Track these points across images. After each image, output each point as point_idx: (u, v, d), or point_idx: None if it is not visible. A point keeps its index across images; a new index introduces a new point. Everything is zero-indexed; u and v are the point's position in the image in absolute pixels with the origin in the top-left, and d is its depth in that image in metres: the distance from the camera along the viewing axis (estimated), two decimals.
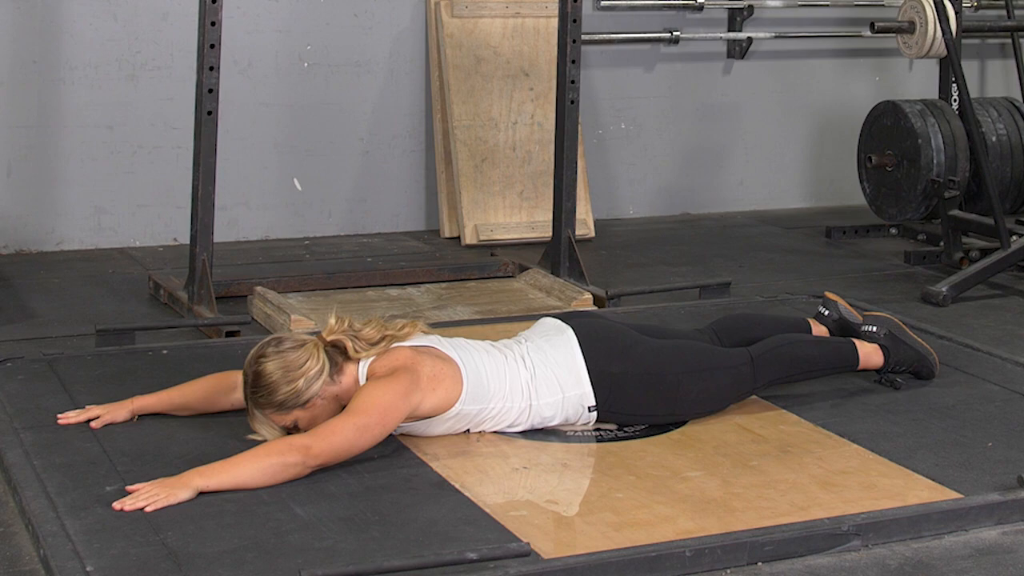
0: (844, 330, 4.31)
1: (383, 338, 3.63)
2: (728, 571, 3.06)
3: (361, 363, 3.60)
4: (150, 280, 5.37)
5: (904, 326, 4.27)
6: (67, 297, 5.32)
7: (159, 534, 3.09)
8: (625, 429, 3.81)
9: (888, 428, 3.88)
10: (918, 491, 3.44)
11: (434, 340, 3.70)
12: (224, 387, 3.78)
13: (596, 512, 3.30)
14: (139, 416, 3.77)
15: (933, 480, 3.50)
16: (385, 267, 5.72)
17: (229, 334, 4.67)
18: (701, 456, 3.66)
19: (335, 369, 3.56)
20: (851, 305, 4.42)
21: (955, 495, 3.39)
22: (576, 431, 3.79)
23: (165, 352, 4.40)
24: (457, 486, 3.40)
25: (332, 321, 3.64)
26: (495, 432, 3.74)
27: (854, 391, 4.20)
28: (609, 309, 5.04)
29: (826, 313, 4.37)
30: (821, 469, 3.58)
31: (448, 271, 5.66)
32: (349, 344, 3.60)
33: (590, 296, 5.20)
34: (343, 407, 3.50)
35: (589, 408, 3.75)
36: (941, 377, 4.32)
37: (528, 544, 2.99)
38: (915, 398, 4.14)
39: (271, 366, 3.49)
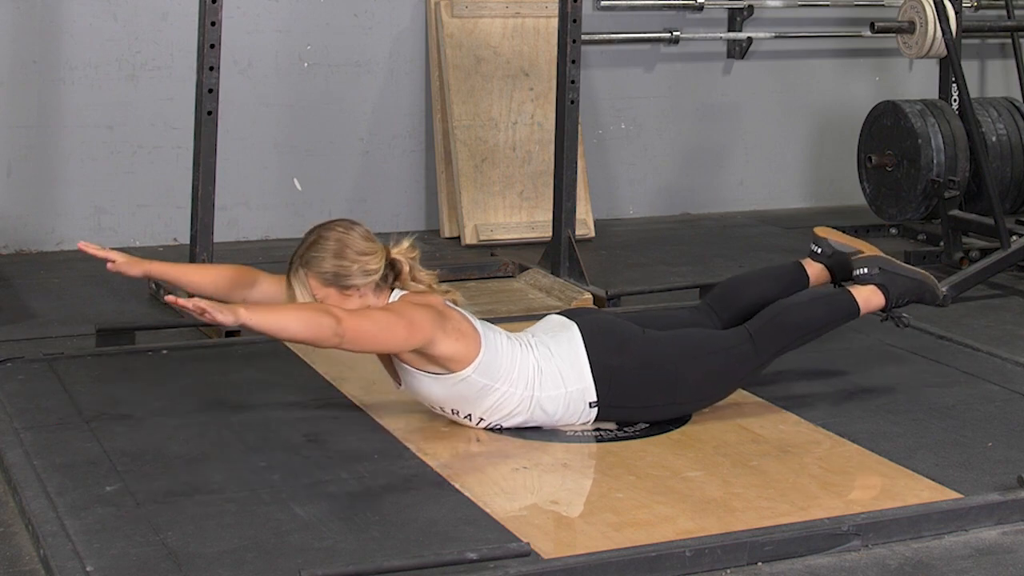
0: (841, 264, 4.22)
1: (428, 286, 3.73)
2: (728, 571, 3.06)
3: (395, 293, 3.69)
4: (150, 280, 5.37)
5: (893, 259, 4.16)
6: (67, 297, 5.31)
7: (159, 534, 3.09)
8: (625, 429, 3.82)
9: (888, 428, 3.88)
10: (918, 491, 3.44)
11: (464, 311, 3.77)
12: (244, 281, 3.83)
13: (596, 512, 3.30)
14: (151, 281, 3.79)
15: (933, 480, 3.50)
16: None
17: (229, 334, 4.66)
18: (701, 456, 3.66)
19: (381, 284, 3.66)
20: (843, 234, 4.30)
21: (955, 495, 3.39)
22: (576, 431, 3.79)
23: (165, 352, 4.40)
24: (457, 486, 3.40)
25: (406, 244, 3.74)
26: (494, 431, 3.75)
27: (854, 391, 4.20)
28: (609, 309, 5.04)
29: (819, 251, 4.25)
30: (821, 469, 3.58)
31: (448, 271, 5.65)
32: (406, 268, 3.70)
33: (590, 296, 5.20)
34: None
35: (590, 404, 3.75)
36: (941, 377, 4.33)
37: (528, 544, 2.99)
38: (915, 398, 4.14)
39: (337, 235, 3.62)
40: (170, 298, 3.28)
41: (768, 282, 4.16)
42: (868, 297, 4.08)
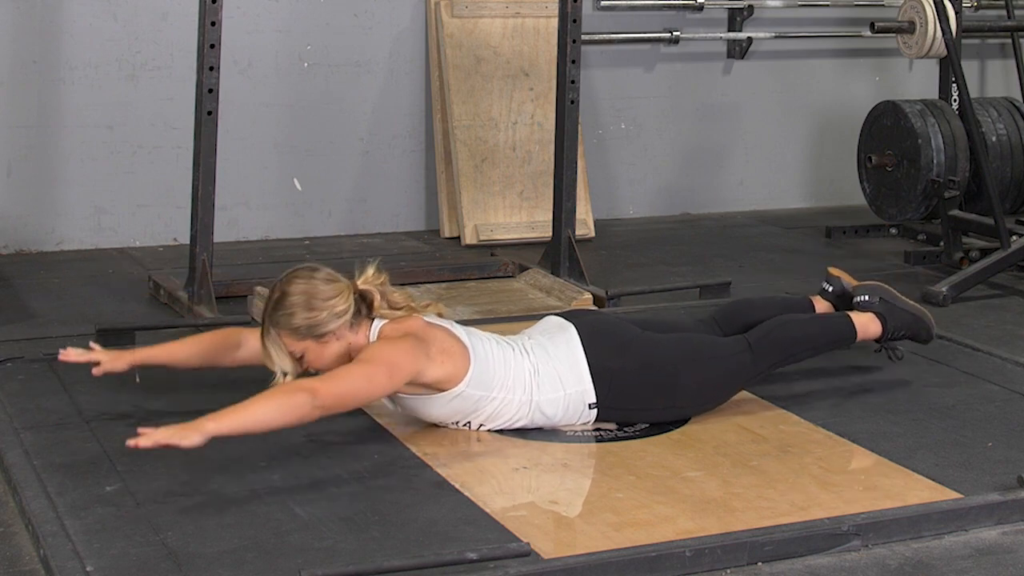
0: (847, 304, 4.26)
1: (406, 307, 3.68)
2: (728, 571, 3.06)
3: (375, 323, 3.63)
4: (150, 280, 5.37)
5: (895, 291, 4.21)
6: (67, 297, 5.31)
7: (159, 534, 3.09)
8: (625, 429, 3.81)
9: (888, 428, 3.88)
10: (918, 491, 3.44)
11: (447, 323, 3.73)
12: (228, 344, 3.79)
13: (596, 512, 3.30)
14: (139, 371, 3.76)
15: (933, 480, 3.50)
16: (385, 267, 5.71)
17: None
18: (701, 456, 3.66)
19: (356, 319, 3.59)
20: (854, 278, 4.34)
21: (955, 495, 3.39)
22: (576, 431, 3.79)
23: None
24: (457, 486, 3.40)
25: (370, 271, 3.68)
26: (495, 431, 3.74)
27: (854, 391, 4.20)
28: (609, 309, 5.04)
29: (830, 289, 4.32)
30: (821, 469, 3.58)
31: (448, 271, 5.66)
32: (377, 298, 3.64)
33: (590, 296, 5.20)
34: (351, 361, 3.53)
35: (590, 405, 3.75)
36: (941, 377, 4.33)
37: (528, 544, 2.99)
38: (915, 398, 4.14)
39: (299, 288, 3.53)
40: (130, 443, 3.18)
41: (774, 310, 4.19)
42: (866, 324, 4.13)
